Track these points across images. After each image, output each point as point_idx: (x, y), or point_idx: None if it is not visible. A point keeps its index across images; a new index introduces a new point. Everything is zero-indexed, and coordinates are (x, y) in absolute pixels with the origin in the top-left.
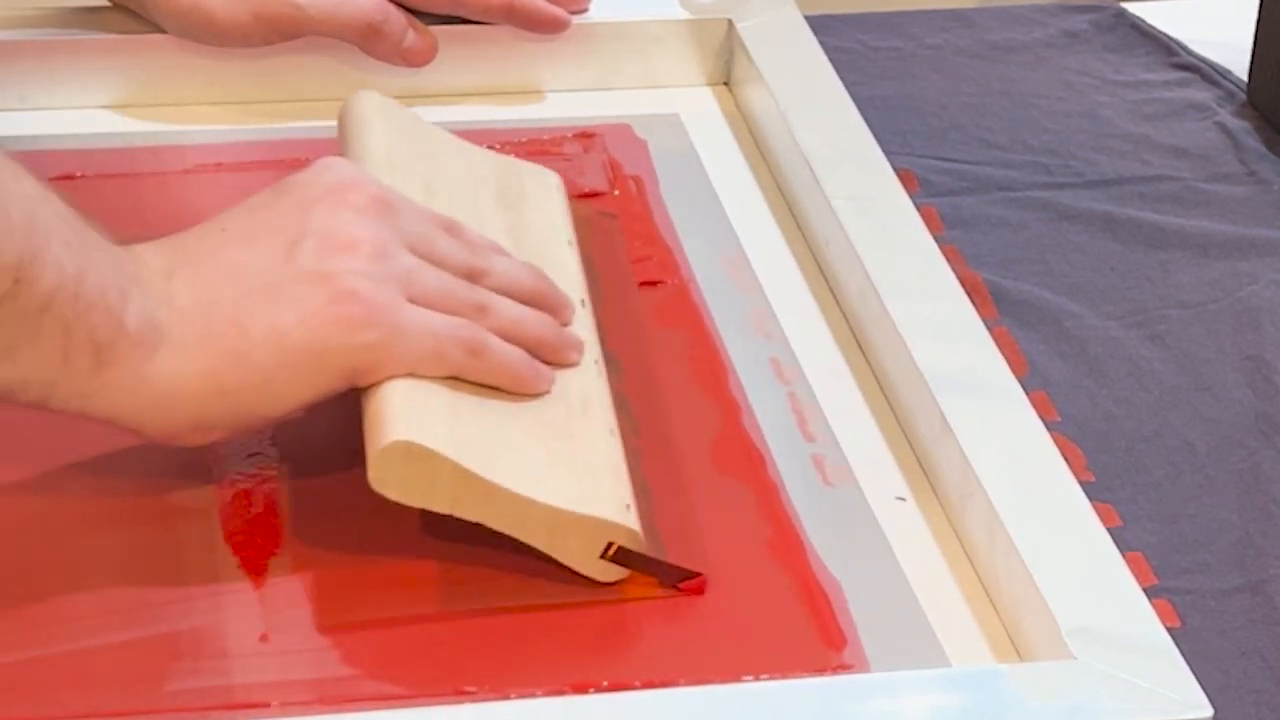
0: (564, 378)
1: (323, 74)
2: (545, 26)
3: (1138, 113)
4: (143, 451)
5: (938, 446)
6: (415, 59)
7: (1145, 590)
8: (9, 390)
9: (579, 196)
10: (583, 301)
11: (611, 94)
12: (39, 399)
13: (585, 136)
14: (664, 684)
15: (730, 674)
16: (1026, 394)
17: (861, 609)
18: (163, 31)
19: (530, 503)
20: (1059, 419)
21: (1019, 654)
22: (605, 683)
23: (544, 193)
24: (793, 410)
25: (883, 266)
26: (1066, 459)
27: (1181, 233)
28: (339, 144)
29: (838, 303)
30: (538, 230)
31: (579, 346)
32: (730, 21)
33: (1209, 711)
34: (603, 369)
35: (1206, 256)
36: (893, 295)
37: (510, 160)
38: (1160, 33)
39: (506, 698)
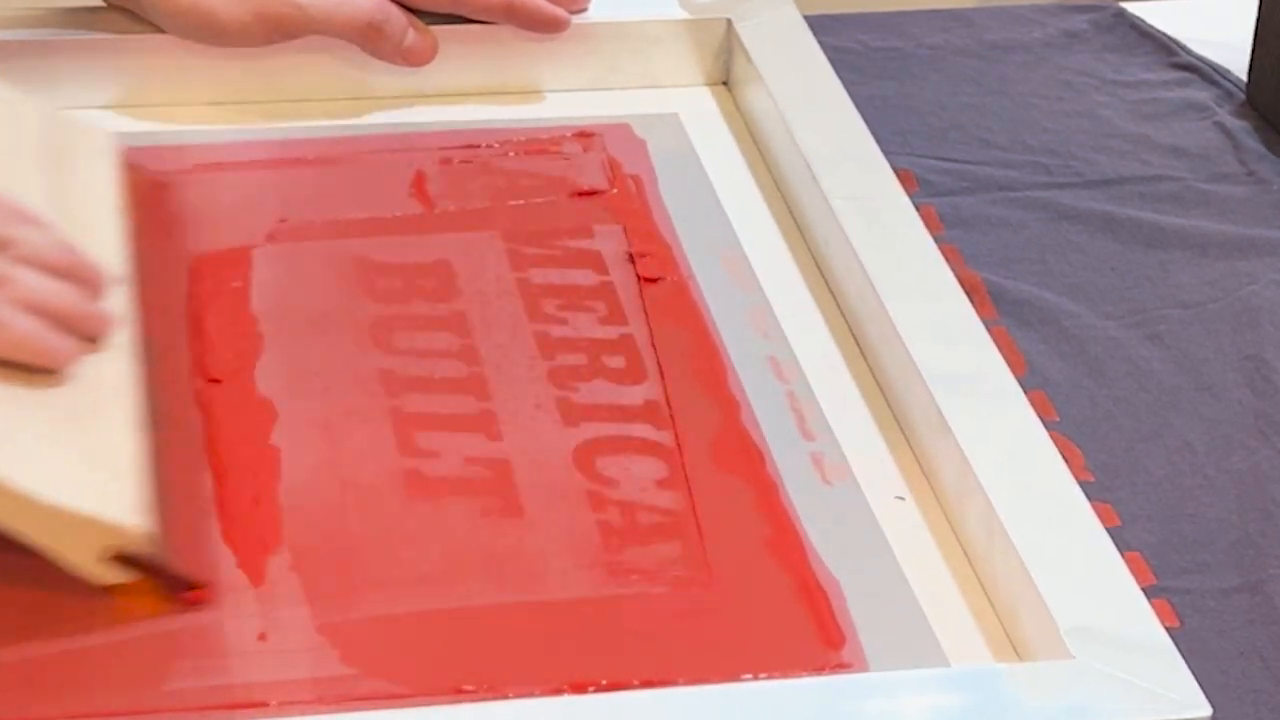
0: (92, 363)
1: (323, 74)
2: (545, 26)
3: (1137, 113)
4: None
5: (937, 446)
6: (415, 58)
7: (1144, 590)
8: None
9: (578, 194)
10: (120, 276)
11: (611, 94)
12: None
13: (585, 136)
14: (663, 683)
15: (729, 673)
16: (1025, 394)
17: (860, 608)
18: (163, 31)
19: (27, 498)
20: (1058, 419)
21: (1018, 653)
22: (604, 681)
23: (93, 156)
24: (792, 409)
25: (882, 266)
26: (1065, 459)
27: (1181, 233)
28: None
29: (837, 302)
30: (83, 194)
31: (106, 319)
32: (729, 21)
33: (1208, 711)
34: (133, 352)
35: (1206, 256)
36: (892, 295)
37: (61, 117)
38: (1160, 33)
39: (505, 697)
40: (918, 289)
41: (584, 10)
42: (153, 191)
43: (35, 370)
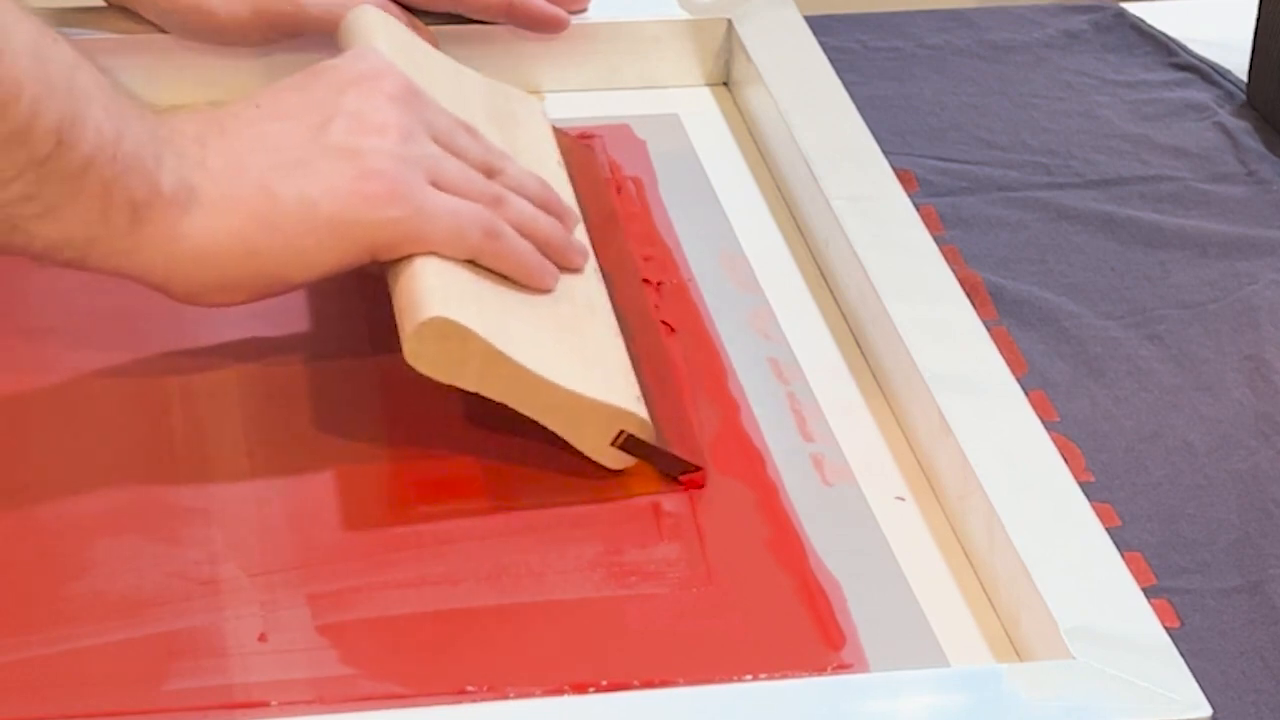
0: (567, 281)
1: None
2: (544, 26)
3: (1137, 113)
4: (144, 451)
5: (937, 446)
6: None
7: (1144, 590)
8: (50, 249)
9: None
10: (576, 216)
11: (611, 94)
12: (78, 257)
13: (585, 137)
14: (663, 683)
15: (729, 673)
16: (1025, 394)
17: (860, 608)
18: (163, 31)
19: (553, 386)
20: (1058, 419)
21: (1018, 654)
22: (604, 682)
23: (531, 116)
24: (792, 410)
25: (882, 266)
26: (1065, 459)
27: (1181, 233)
28: (341, 48)
29: (837, 303)
30: (529, 150)
31: (584, 252)
32: (729, 22)
33: (1208, 711)
34: (602, 281)
35: (1206, 256)
36: (892, 295)
37: (501, 86)
38: (1160, 33)
39: (506, 697)
40: (918, 289)
41: (584, 10)
42: (577, 149)
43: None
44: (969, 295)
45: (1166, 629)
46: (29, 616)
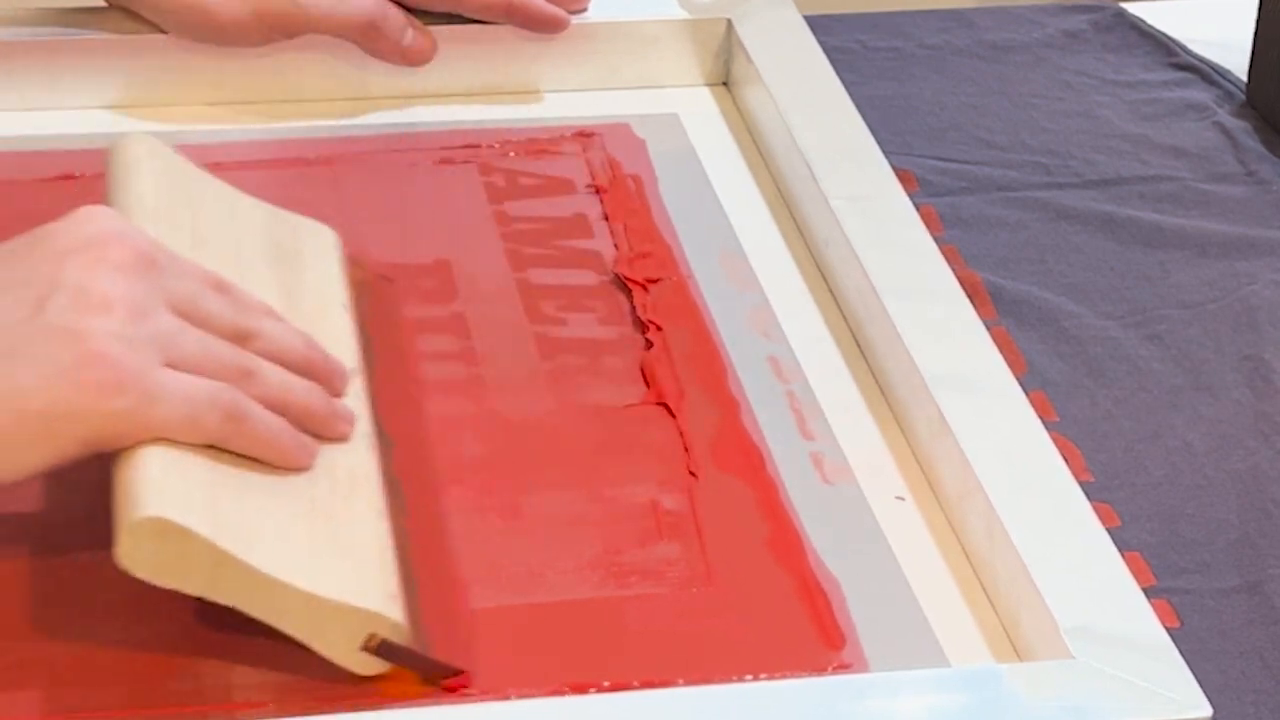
0: (331, 453)
1: (323, 74)
2: (544, 26)
3: (1137, 113)
4: None
5: (937, 446)
6: (415, 58)
7: (1144, 590)
8: None
9: (578, 194)
10: (354, 370)
11: (610, 94)
12: None
13: (584, 136)
14: (663, 684)
15: (729, 673)
16: (1025, 394)
17: (860, 608)
18: (162, 31)
19: (290, 589)
20: (1058, 419)
21: (1018, 653)
22: (605, 682)
23: (320, 251)
24: (792, 409)
25: (882, 266)
26: (1065, 459)
27: (1180, 233)
28: (105, 187)
29: (837, 302)
30: (311, 291)
31: (349, 419)
32: (729, 21)
33: (1208, 711)
34: (373, 444)
35: (1206, 256)
36: (892, 295)
37: (286, 215)
38: (1160, 33)
39: (506, 698)
40: (918, 289)
41: (584, 10)
42: (377, 286)
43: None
44: (969, 295)
45: (1166, 629)
46: (29, 616)
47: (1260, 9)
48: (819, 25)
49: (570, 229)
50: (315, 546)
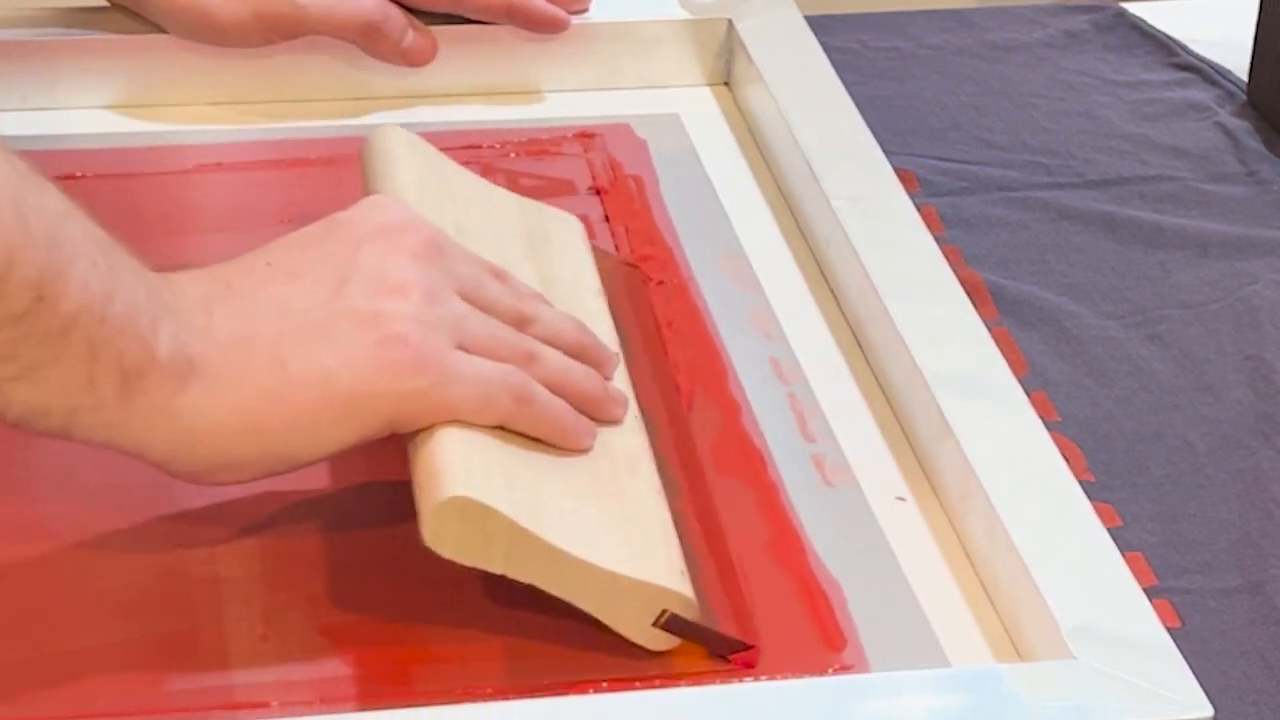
0: (606, 435)
1: (323, 74)
2: (545, 26)
3: (1137, 113)
4: None
5: (938, 446)
6: (415, 58)
7: (1145, 590)
8: (29, 414)
9: (578, 195)
10: (617, 355)
11: (611, 94)
12: (61, 426)
13: (585, 136)
14: (663, 683)
15: (729, 673)
16: (1026, 394)
17: (861, 609)
18: (163, 31)
19: (587, 566)
20: (1059, 419)
21: (1019, 654)
22: (605, 683)
23: (569, 240)
24: (793, 410)
25: (883, 266)
26: (1066, 459)
27: (1181, 233)
28: (363, 178)
29: (838, 303)
30: (566, 279)
31: (623, 402)
32: (730, 21)
33: (1209, 711)
34: (643, 425)
35: (1206, 256)
36: (893, 295)
37: (534, 205)
38: (1160, 33)
39: (505, 697)
40: (918, 289)
41: (584, 10)
42: (620, 271)
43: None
44: (969, 295)
45: (1167, 629)
46: (30, 616)
47: (1260, 9)
48: (819, 25)
49: None
50: (606, 524)
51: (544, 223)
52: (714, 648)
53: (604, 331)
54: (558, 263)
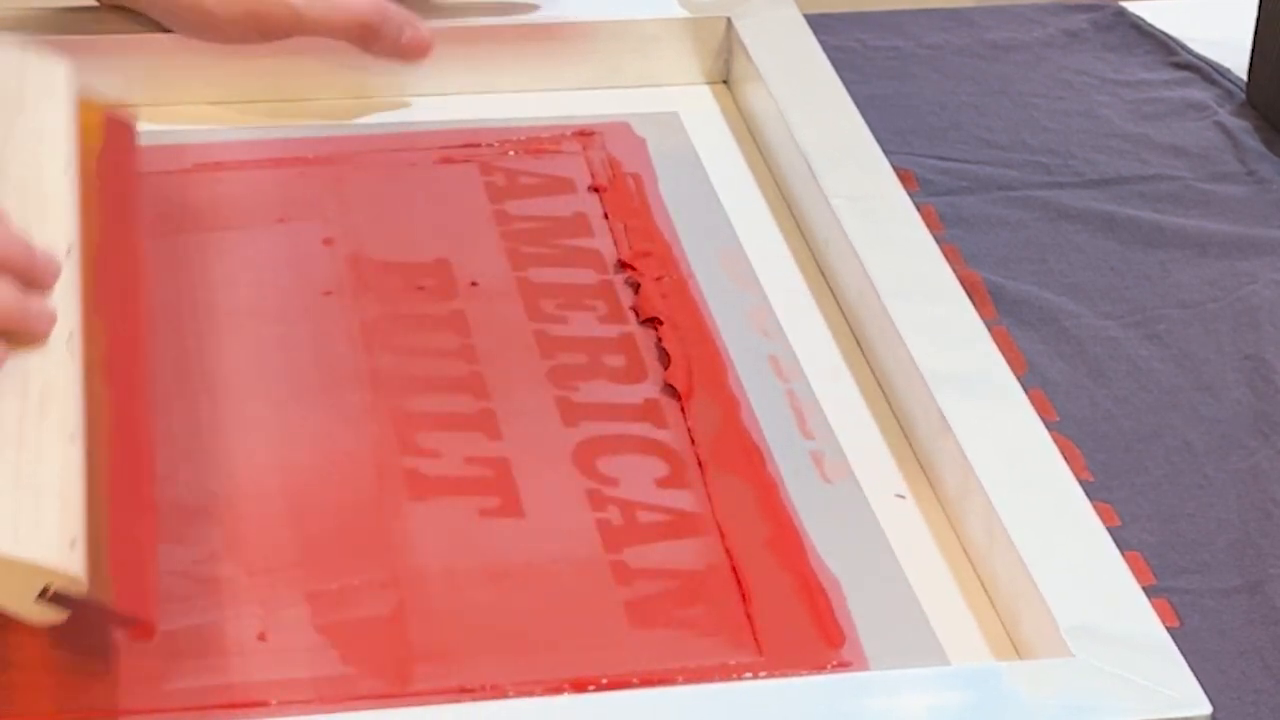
0: (26, 363)
1: (323, 74)
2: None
3: (1137, 112)
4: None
5: (937, 445)
6: (412, 55)
7: (1144, 590)
8: None
9: (578, 193)
10: (69, 250)
11: (610, 92)
12: None
13: (584, 135)
14: (663, 682)
15: (729, 672)
16: (1025, 393)
17: (860, 606)
18: (162, 31)
19: None
20: (1058, 418)
21: (1018, 652)
22: (604, 681)
23: (44, 91)
24: (792, 408)
25: (882, 266)
26: (1065, 458)
27: (1181, 232)
28: None
29: (837, 301)
30: (28, 146)
31: (50, 317)
32: (729, 20)
33: (1208, 708)
34: (76, 347)
35: (1206, 256)
36: (892, 294)
37: (19, 53)
38: (1160, 32)
39: (506, 696)
40: (918, 289)
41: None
42: (113, 128)
43: None
44: (969, 295)
45: (1166, 629)
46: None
47: (1260, 9)
48: (819, 24)
49: (570, 228)
50: None
51: (20, 73)
52: (107, 620)
53: (61, 215)
54: (23, 124)
